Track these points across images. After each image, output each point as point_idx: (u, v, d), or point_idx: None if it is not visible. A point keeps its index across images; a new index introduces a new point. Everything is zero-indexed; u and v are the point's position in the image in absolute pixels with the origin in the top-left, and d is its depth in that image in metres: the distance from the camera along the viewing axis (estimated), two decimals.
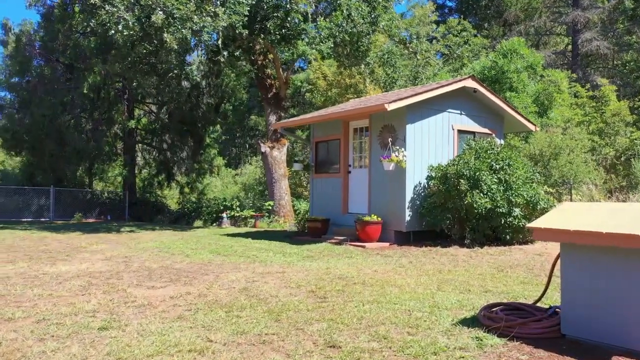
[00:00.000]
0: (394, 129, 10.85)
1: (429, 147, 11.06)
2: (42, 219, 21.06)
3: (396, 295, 5.30)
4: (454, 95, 11.35)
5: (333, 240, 11.01)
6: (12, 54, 20.64)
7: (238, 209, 20.35)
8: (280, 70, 19.65)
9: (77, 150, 20.97)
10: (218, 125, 24.26)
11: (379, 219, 10.57)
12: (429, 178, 10.69)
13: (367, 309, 4.67)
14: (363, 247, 10.07)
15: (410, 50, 22.06)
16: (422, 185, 10.77)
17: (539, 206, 9.68)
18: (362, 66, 22.65)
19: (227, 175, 37.69)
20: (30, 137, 20.76)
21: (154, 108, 24.86)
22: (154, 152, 25.11)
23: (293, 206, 19.59)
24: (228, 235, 13.48)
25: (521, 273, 6.86)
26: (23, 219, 20.77)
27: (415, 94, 10.70)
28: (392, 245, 10.43)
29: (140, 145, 24.46)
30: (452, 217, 10.08)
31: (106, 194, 25.98)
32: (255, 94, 34.61)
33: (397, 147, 10.50)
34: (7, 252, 8.88)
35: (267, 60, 19.96)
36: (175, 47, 11.68)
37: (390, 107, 10.02)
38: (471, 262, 7.85)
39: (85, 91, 19.71)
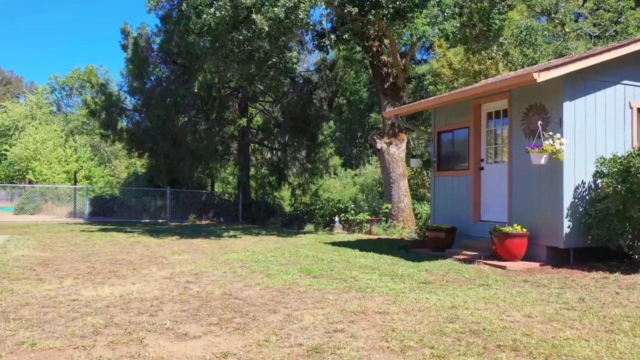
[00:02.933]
0: (544, 110, 8.05)
1: (596, 133, 8.06)
2: (159, 220, 21.08)
3: None
4: (634, 60, 8.21)
5: (460, 257, 8.50)
6: (131, 58, 20.92)
7: (352, 212, 18.43)
8: (398, 56, 17.34)
9: (190, 150, 20.66)
10: (332, 122, 22.58)
11: (524, 230, 7.86)
12: (599, 175, 7.73)
13: None
14: (503, 268, 7.46)
15: (557, 22, 18.34)
16: (586, 184, 7.84)
17: None
18: (494, 47, 19.49)
19: (347, 176, 36.13)
20: (148, 139, 20.85)
21: (267, 106, 23.96)
22: (265, 152, 24.18)
23: (413, 209, 17.15)
24: (334, 243, 11.55)
25: None
26: (142, 220, 20.93)
27: (575, 60, 7.81)
28: (543, 266, 7.67)
29: (253, 145, 23.67)
30: (633, 229, 7.09)
31: (222, 195, 25.69)
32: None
33: (550, 134, 7.69)
34: (78, 262, 7.80)
35: (382, 46, 17.77)
36: (266, 28, 10.05)
37: (541, 77, 7.30)
38: None
39: (196, 90, 19.24)
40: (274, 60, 12.47)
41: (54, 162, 33.75)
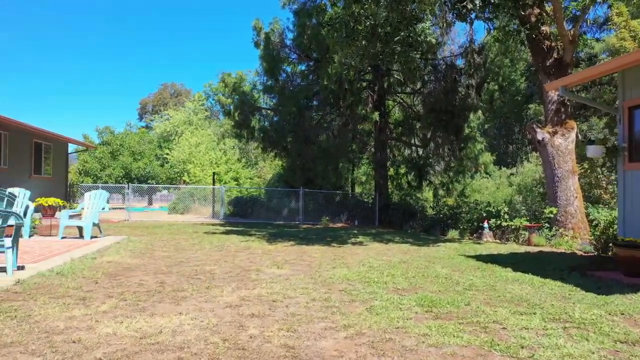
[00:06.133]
0: None
1: None
2: (293, 222, 20.14)
3: None
4: None
5: None
6: (263, 55, 20.34)
7: (506, 216, 15.38)
8: (564, 24, 13.93)
9: (322, 148, 19.35)
10: (480, 113, 19.53)
11: None
12: None
13: None
14: None
15: None
16: None
17: None
18: None
19: (501, 176, 32.14)
20: (280, 138, 20.06)
21: (405, 98, 21.68)
22: (403, 149, 21.86)
23: (587, 215, 13.60)
24: (478, 258, 9.03)
25: None
26: (275, 222, 20.18)
27: None
28: None
29: (391, 141, 21.57)
30: None
31: (358, 197, 24.04)
32: (534, 81, 28.29)
33: None
34: (153, 275, 6.60)
35: (543, 14, 14.45)
36: None
37: None
38: None
39: (325, 83, 17.84)
40: (401, 34, 10.31)
41: (206, 164, 35.38)
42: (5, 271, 6.03)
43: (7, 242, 6.07)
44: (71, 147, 22.87)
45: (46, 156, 18.05)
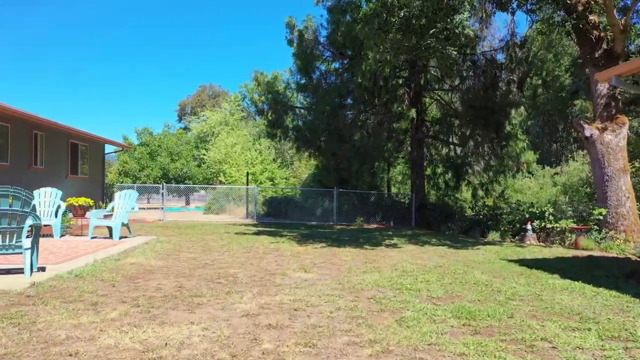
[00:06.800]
0: None
1: None
2: (326, 223, 19.75)
3: None
4: None
5: None
6: (296, 53, 20.02)
7: (551, 217, 14.55)
8: (614, 12, 13.03)
9: (356, 147, 18.85)
10: (522, 109, 18.58)
11: None
12: None
13: None
14: None
15: None
16: None
17: None
18: None
19: (544, 175, 30.83)
20: (314, 137, 19.70)
21: (443, 95, 20.93)
22: (441, 147, 21.07)
23: None
24: (522, 262, 8.40)
25: None
26: (308, 222, 19.83)
27: None
28: None
29: (428, 140, 20.85)
30: None
31: (393, 197, 23.42)
32: (580, 76, 26.86)
33: None
34: (173, 278, 6.31)
35: (591, 2, 13.55)
36: None
37: None
38: None
39: (359, 80, 17.35)
40: (437, 26, 9.73)
41: (242, 165, 35.43)
42: (24, 272, 5.87)
43: (26, 242, 5.91)
44: (110, 148, 23.19)
45: (83, 156, 18.28)
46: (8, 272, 6.19)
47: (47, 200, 10.77)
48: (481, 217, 18.59)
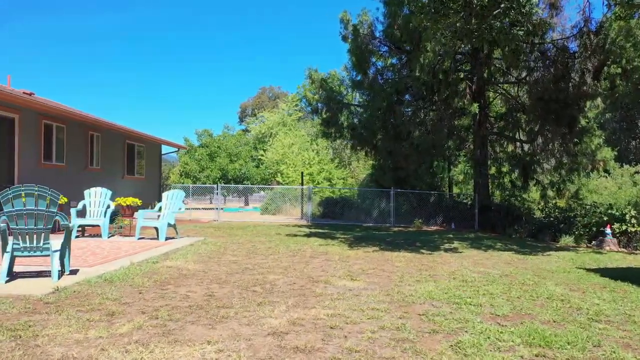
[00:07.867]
0: None
1: None
2: (383, 224, 18.93)
3: None
4: None
5: None
6: (351, 49, 19.34)
7: (634, 221, 13.09)
8: None
9: (414, 145, 17.90)
10: (599, 100, 16.91)
11: None
12: None
13: None
14: None
15: None
16: None
17: None
18: None
19: (623, 175, 28.42)
20: (370, 135, 18.93)
21: (508, 88, 19.53)
22: (506, 144, 19.65)
23: None
24: (602, 272, 7.30)
25: None
26: (364, 224, 19.10)
27: None
28: None
29: (492, 137, 19.52)
30: None
31: (455, 197, 22.20)
32: None
33: None
34: (207, 284, 5.84)
35: None
36: None
37: None
38: None
39: (417, 74, 16.42)
40: (502, 6, 8.74)
41: (299, 165, 35.18)
42: (51, 275, 5.57)
43: (54, 245, 5.62)
44: (167, 149, 23.46)
45: (139, 157, 18.49)
46: (39, 274, 5.95)
47: (97, 200, 10.71)
48: (552, 219, 17.14)
